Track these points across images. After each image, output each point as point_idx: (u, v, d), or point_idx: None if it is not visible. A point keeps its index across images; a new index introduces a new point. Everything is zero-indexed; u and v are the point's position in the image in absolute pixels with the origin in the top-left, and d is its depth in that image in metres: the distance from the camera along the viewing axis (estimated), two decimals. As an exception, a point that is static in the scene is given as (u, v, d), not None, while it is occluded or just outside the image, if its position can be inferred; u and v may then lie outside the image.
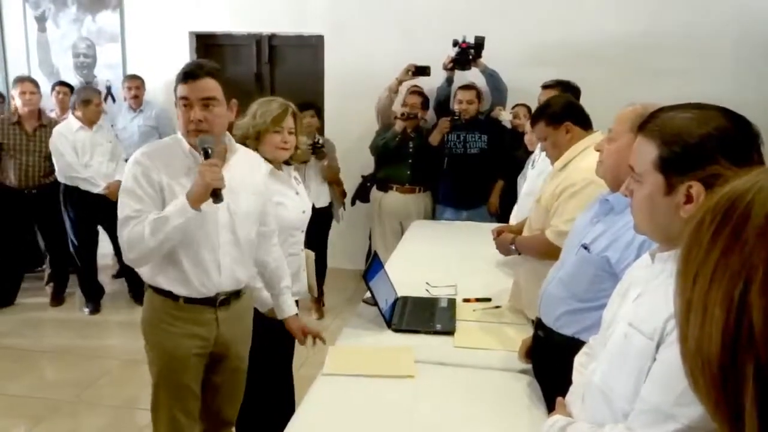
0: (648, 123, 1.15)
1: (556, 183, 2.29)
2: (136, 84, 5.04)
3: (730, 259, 0.52)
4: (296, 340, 2.33)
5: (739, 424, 0.50)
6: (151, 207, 1.89)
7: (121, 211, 1.91)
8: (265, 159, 2.25)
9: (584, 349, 1.46)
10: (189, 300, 1.99)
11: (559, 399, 1.39)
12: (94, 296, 4.59)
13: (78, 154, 4.32)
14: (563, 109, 2.36)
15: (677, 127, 1.10)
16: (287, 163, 2.44)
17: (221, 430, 2.24)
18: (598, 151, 1.82)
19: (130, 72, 5.30)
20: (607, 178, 1.80)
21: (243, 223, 2.03)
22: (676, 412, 0.99)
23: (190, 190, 1.86)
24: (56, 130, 4.36)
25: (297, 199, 2.43)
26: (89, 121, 4.38)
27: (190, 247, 1.94)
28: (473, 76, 4.53)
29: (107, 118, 4.90)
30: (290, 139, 2.34)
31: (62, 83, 5.23)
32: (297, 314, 2.27)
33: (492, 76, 4.44)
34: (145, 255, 1.90)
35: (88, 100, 4.38)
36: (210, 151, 1.89)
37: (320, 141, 4.08)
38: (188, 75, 1.89)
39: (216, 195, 1.86)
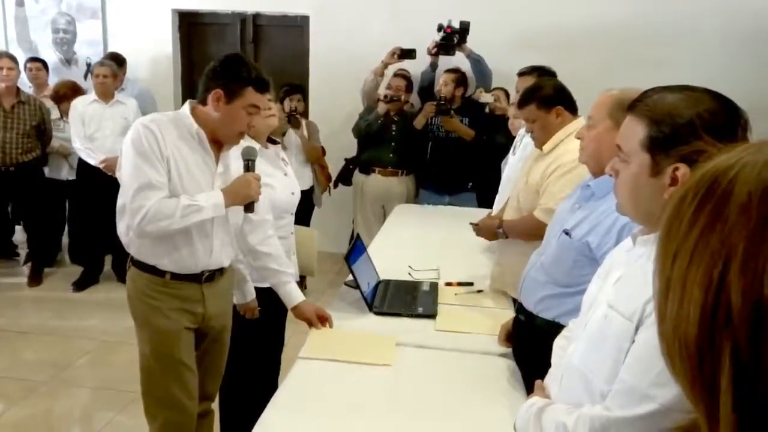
0: (638, 103, 1.15)
1: (545, 164, 2.30)
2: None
3: (711, 236, 0.51)
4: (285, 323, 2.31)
5: (714, 405, 0.49)
6: (167, 179, 1.87)
7: (141, 176, 1.84)
8: (256, 136, 2.23)
9: (563, 332, 1.47)
10: (175, 276, 1.99)
11: (538, 381, 1.40)
12: (92, 275, 4.59)
13: (84, 125, 4.36)
14: (555, 93, 2.35)
15: (667, 107, 1.10)
16: (274, 141, 2.42)
17: (201, 405, 2.23)
18: (578, 138, 1.83)
19: (111, 50, 5.17)
20: (589, 165, 1.81)
21: (235, 209, 2.03)
22: (653, 393, 1.00)
23: (229, 191, 1.93)
24: (73, 101, 4.45)
25: (286, 180, 2.40)
26: (98, 94, 4.39)
27: (186, 229, 1.93)
28: (458, 61, 4.51)
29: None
30: (273, 105, 2.33)
31: (34, 59, 5.11)
32: (304, 300, 2.22)
33: (477, 61, 4.42)
34: (162, 232, 1.88)
35: (90, 72, 4.50)
36: (251, 164, 2.01)
37: (295, 108, 4.16)
38: (265, 85, 1.96)
39: (249, 206, 2.00)
